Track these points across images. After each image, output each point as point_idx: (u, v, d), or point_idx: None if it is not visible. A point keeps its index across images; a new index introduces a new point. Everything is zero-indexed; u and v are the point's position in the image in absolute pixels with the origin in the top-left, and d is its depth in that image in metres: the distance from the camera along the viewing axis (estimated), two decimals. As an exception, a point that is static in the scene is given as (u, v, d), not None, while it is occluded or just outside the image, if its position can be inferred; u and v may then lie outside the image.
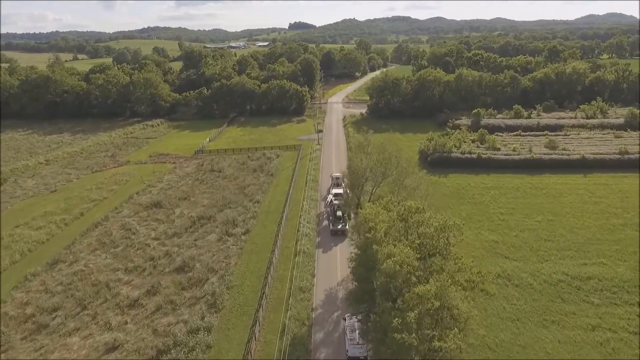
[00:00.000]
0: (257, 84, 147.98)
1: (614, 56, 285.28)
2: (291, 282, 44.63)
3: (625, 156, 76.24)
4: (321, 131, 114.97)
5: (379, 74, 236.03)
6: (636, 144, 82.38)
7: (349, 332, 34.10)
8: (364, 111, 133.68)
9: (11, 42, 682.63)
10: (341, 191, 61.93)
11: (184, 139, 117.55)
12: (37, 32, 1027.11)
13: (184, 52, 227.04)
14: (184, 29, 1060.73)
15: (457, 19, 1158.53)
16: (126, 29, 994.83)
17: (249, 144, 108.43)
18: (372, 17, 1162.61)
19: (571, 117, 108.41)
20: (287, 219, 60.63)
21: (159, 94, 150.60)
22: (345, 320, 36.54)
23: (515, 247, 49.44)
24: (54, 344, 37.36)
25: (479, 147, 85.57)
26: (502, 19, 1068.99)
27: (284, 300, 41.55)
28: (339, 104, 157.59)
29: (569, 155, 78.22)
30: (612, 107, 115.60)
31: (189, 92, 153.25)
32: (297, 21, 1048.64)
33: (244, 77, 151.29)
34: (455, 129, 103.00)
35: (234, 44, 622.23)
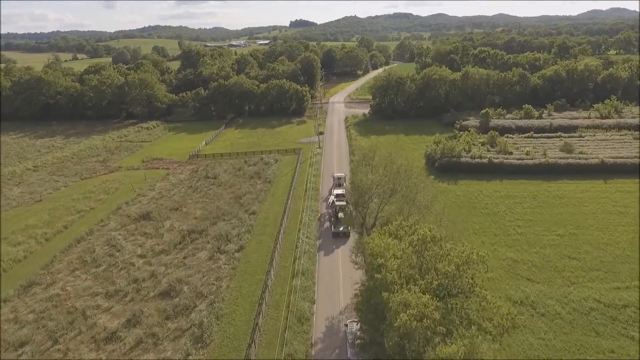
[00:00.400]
0: (256, 84, 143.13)
1: (622, 52, 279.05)
2: (288, 309, 39.91)
3: (647, 160, 71.18)
4: (322, 133, 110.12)
5: (381, 73, 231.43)
6: (658, 147, 77.30)
7: (350, 340, 32.77)
8: (366, 111, 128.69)
9: (11, 43, 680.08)
10: (343, 191, 60.23)
11: (180, 142, 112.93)
12: (38, 32, 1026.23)
13: (182, 51, 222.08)
14: (185, 27, 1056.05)
15: (459, 15, 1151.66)
16: (127, 28, 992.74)
17: (246, 147, 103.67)
18: (373, 15, 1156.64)
19: (585, 117, 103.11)
20: (284, 233, 55.89)
21: (154, 94, 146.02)
22: (347, 326, 35.21)
23: (537, 267, 44.55)
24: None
25: (489, 150, 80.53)
26: (504, 15, 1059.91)
27: (279, 332, 36.87)
28: (340, 104, 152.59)
29: (586, 159, 73.06)
30: (626, 105, 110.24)
31: (186, 93, 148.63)
32: (298, 19, 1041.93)
33: (243, 77, 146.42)
34: (463, 130, 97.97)
35: (234, 43, 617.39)
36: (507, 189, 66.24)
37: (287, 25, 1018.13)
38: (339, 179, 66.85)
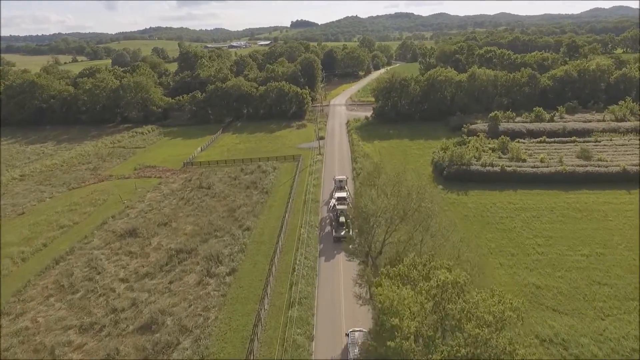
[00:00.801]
0: (255, 86, 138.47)
1: (629, 50, 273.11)
2: (282, 347, 35.15)
3: (673, 168, 66.12)
4: (322, 138, 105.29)
5: (384, 74, 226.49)
6: (682, 152, 72.20)
7: (351, 349, 32.01)
8: (369, 114, 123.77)
9: (12, 45, 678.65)
10: (344, 195, 59.23)
11: (175, 148, 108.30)
12: (40, 34, 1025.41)
13: (180, 53, 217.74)
14: (186, 28, 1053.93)
15: (460, 14, 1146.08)
16: (128, 30, 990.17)
17: (243, 153, 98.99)
18: (374, 14, 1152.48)
19: (599, 120, 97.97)
20: (281, 252, 51.15)
21: (150, 98, 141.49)
22: (348, 336, 34.12)
23: (563, 295, 39.64)
24: None
25: (500, 157, 75.56)
26: (506, 14, 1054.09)
27: (272, 377, 32.18)
28: (342, 107, 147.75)
29: (606, 167, 67.99)
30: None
31: (183, 96, 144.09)
32: (299, 19, 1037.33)
33: (241, 79, 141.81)
34: (471, 135, 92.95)
35: (235, 44, 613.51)
36: (522, 201, 61.26)
37: (288, 25, 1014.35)
38: (341, 181, 65.32)
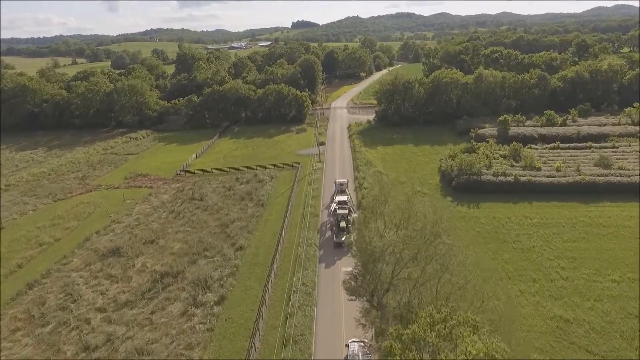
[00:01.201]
0: (253, 89, 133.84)
1: (635, 49, 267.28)
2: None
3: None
4: (323, 144, 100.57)
5: (386, 75, 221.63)
6: None
7: None
8: (371, 118, 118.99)
9: (13, 47, 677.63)
10: (345, 198, 57.98)
11: (169, 155, 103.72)
12: (42, 36, 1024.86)
13: (177, 55, 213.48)
14: (187, 30, 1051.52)
15: (462, 14, 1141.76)
16: (130, 32, 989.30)
17: (240, 160, 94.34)
18: (375, 15, 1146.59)
19: (614, 124, 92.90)
20: (276, 276, 46.40)
21: (145, 102, 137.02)
22: (348, 347, 32.90)
23: (597, 332, 34.75)
24: None
25: (513, 166, 70.58)
26: (507, 13, 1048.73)
27: None
28: (343, 110, 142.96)
29: (629, 176, 62.96)
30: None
31: (178, 100, 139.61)
32: (300, 20, 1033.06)
33: (238, 82, 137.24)
34: (479, 140, 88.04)
35: (235, 45, 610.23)
36: (539, 215, 56.31)
37: (289, 26, 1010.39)
38: (341, 184, 63.98)
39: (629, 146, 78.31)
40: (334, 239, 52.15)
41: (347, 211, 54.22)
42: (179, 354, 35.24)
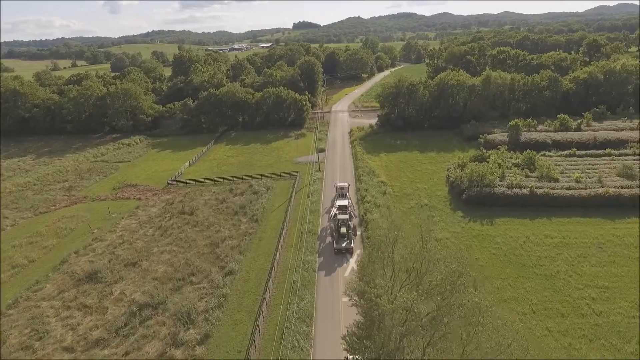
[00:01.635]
0: (251, 93, 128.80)
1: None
2: None
3: None
4: (323, 150, 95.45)
5: (389, 77, 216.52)
6: None
7: None
8: (374, 122, 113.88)
9: (14, 50, 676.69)
10: (346, 203, 56.52)
11: (162, 163, 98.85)
12: (44, 38, 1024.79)
13: (173, 57, 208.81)
14: (188, 31, 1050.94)
15: (464, 14, 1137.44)
16: (132, 34, 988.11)
17: (235, 169, 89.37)
18: (377, 15, 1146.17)
19: (632, 128, 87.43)
20: (268, 308, 41.25)
21: (139, 106, 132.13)
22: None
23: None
24: None
25: (528, 176, 65.23)
26: (509, 12, 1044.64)
27: None
28: (344, 113, 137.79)
29: (657, 188, 57.66)
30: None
31: (174, 104, 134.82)
32: (302, 21, 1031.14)
33: (235, 85, 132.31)
34: (489, 147, 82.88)
35: (236, 46, 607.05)
36: (560, 233, 51.00)
37: (291, 27, 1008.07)
38: (342, 188, 62.61)
39: (652, 153, 72.88)
40: (334, 245, 50.72)
41: (347, 216, 52.64)
42: (152, 411, 30.14)
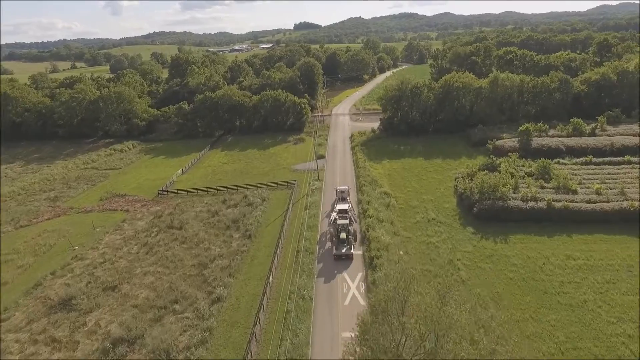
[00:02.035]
0: (248, 96, 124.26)
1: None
2: None
3: None
4: (322, 157, 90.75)
5: (390, 77, 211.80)
6: None
7: None
8: (376, 126, 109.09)
9: (15, 52, 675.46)
10: (346, 207, 55.15)
11: (154, 170, 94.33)
12: (46, 40, 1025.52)
13: (170, 59, 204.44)
14: (189, 33, 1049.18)
15: (465, 14, 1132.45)
16: (133, 35, 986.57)
17: (230, 177, 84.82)
18: (378, 15, 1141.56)
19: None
20: (258, 343, 36.54)
21: (133, 110, 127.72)
22: None
23: None
24: None
25: (543, 187, 60.36)
26: (511, 12, 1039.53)
27: None
28: (345, 116, 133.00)
29: (687, 201, 52.73)
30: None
31: (169, 107, 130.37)
32: (303, 21, 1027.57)
33: (232, 88, 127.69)
34: (498, 153, 78.10)
35: (237, 47, 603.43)
36: (583, 253, 46.12)
37: (292, 28, 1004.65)
38: (342, 192, 61.07)
39: (675, 161, 67.92)
40: (334, 251, 49.48)
41: (347, 221, 51.51)
42: None
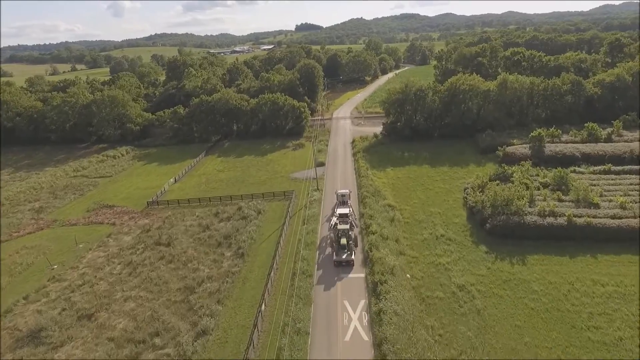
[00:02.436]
0: (246, 99, 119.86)
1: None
2: None
3: None
4: (322, 164, 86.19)
5: (392, 78, 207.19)
6: None
7: None
8: (378, 130, 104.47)
9: (16, 55, 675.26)
10: (347, 211, 53.67)
11: (146, 178, 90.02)
12: (48, 42, 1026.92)
13: (167, 61, 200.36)
14: (191, 34, 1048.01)
15: (467, 14, 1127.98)
16: (135, 37, 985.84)
17: (224, 185, 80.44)
18: (379, 16, 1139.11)
19: (671, 138, 77.57)
20: (246, 390, 31.98)
21: (127, 114, 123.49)
22: None
23: None
24: None
25: (561, 199, 55.54)
26: (513, 12, 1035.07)
27: None
28: (346, 120, 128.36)
29: None
30: None
31: (164, 111, 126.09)
32: (304, 22, 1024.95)
33: (229, 91, 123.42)
34: (508, 160, 73.47)
35: (238, 49, 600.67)
36: (611, 278, 41.32)
37: (293, 29, 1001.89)
38: (343, 196, 59.71)
39: (702, 170, 62.98)
40: (334, 257, 48.34)
41: (348, 226, 49.99)
42: None
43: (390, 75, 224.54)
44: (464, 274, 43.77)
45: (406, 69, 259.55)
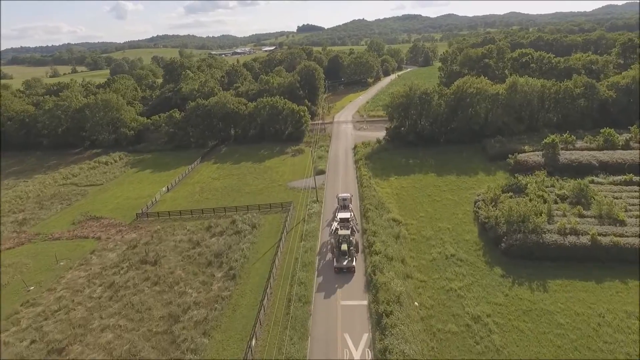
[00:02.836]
0: (244, 103, 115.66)
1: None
2: None
3: None
4: (322, 172, 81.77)
5: (395, 79, 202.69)
6: None
7: None
8: (381, 135, 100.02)
9: (17, 57, 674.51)
10: (348, 215, 52.17)
11: (138, 186, 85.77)
12: (51, 44, 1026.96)
13: (164, 64, 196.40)
14: (192, 36, 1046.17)
15: (469, 15, 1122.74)
16: (137, 39, 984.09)
17: (219, 195, 76.16)
18: (381, 17, 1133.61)
19: (694, 145, 72.82)
20: None
21: (121, 119, 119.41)
22: None
23: None
24: None
25: (582, 215, 50.92)
26: (516, 13, 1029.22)
27: None
28: (348, 124, 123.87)
29: None
30: None
31: (159, 115, 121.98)
32: (306, 24, 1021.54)
33: (226, 95, 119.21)
34: (520, 169, 69.10)
35: (239, 50, 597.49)
36: (646, 308, 36.74)
37: (295, 30, 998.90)
38: (344, 199, 58.31)
39: None
40: (335, 263, 47.22)
41: (349, 231, 48.80)
42: None
43: (393, 77, 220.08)
44: (478, 303, 39.22)
45: (409, 70, 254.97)
